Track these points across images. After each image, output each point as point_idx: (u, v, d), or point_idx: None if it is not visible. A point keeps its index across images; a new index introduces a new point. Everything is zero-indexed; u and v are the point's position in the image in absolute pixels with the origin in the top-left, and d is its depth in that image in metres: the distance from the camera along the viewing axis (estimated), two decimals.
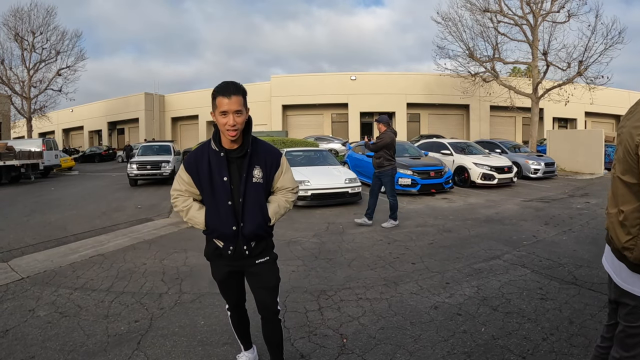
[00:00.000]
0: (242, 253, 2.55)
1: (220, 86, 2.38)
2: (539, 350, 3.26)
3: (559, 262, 5.54)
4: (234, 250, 2.54)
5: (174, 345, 3.44)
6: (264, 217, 2.55)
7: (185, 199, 2.59)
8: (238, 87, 2.38)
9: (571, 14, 21.18)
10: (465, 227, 7.88)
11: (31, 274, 5.38)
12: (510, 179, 14.24)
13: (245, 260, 2.60)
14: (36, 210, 10.73)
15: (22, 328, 3.80)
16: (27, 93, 31.24)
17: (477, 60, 23.59)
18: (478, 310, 4.04)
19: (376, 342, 3.43)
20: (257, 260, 2.62)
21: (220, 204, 2.48)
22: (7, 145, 19.07)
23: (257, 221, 2.52)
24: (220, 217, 2.49)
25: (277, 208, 2.62)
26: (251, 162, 2.51)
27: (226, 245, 2.54)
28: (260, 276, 2.65)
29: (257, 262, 2.63)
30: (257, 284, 2.67)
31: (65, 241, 7.24)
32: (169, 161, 16.49)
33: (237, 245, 2.53)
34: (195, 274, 5.30)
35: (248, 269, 2.66)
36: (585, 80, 21.24)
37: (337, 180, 10.38)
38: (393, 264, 5.61)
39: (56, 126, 47.50)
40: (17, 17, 30.48)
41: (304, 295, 4.49)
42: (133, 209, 10.76)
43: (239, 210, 2.48)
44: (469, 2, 22.96)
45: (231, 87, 2.37)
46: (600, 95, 24.10)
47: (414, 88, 35.21)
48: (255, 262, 2.62)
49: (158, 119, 43.00)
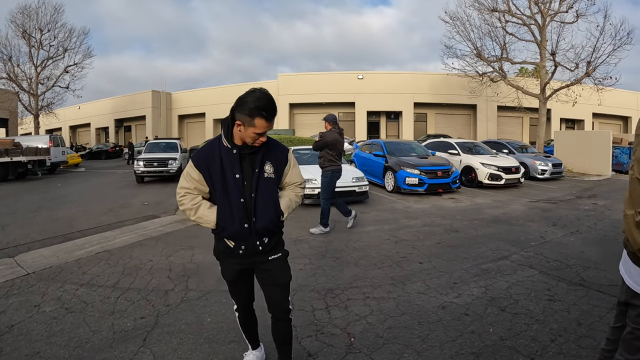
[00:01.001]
0: (255, 250, 2.52)
1: (261, 107, 2.29)
2: (547, 351, 3.23)
3: (567, 264, 5.49)
4: (245, 249, 2.51)
5: (180, 342, 3.43)
6: (277, 212, 2.54)
7: (193, 196, 2.52)
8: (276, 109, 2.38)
9: (579, 14, 21.02)
10: (472, 227, 7.83)
11: (37, 270, 5.40)
12: (518, 180, 14.16)
13: (258, 257, 2.57)
14: (42, 206, 10.77)
15: (28, 323, 3.80)
16: (35, 90, 31.40)
17: (484, 60, 23.48)
18: (486, 311, 4.01)
19: (384, 342, 3.40)
20: (269, 257, 2.60)
21: (233, 201, 2.44)
22: (14, 142, 19.18)
23: (270, 216, 2.51)
24: (232, 215, 2.44)
25: (289, 202, 2.63)
26: (263, 157, 2.50)
27: (237, 244, 2.51)
28: (272, 273, 2.62)
29: (270, 258, 2.60)
30: (268, 281, 2.64)
31: (71, 237, 7.26)
32: (176, 158, 16.51)
33: (248, 243, 2.50)
34: (202, 271, 5.30)
35: (259, 265, 2.62)
36: (593, 81, 21.06)
37: (344, 178, 10.31)
38: (400, 263, 5.58)
39: (63, 123, 47.62)
40: (25, 15, 30.64)
41: (311, 293, 4.47)
42: (139, 205, 10.78)
43: (251, 207, 2.45)
44: (477, 1, 22.89)
45: (273, 110, 2.34)
46: (608, 96, 23.88)
47: (421, 87, 35.09)
48: (268, 258, 2.59)
49: (165, 116, 43.09)
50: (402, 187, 11.96)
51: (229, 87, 41.10)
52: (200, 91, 43.23)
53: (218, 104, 39.18)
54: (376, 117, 37.15)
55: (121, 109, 44.79)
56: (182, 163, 16.85)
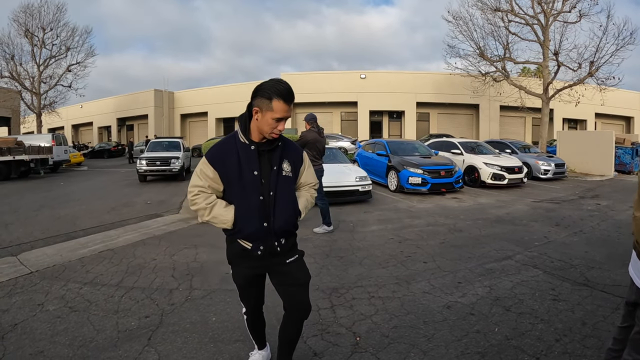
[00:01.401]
0: (273, 251, 2.45)
1: (280, 89, 2.24)
2: (553, 351, 3.23)
3: (571, 264, 5.49)
4: (264, 249, 2.43)
5: (185, 341, 3.42)
6: (295, 212, 2.50)
7: (207, 195, 2.39)
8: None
9: (582, 14, 20.98)
10: (476, 226, 7.82)
11: (40, 268, 5.39)
12: (521, 180, 14.15)
13: (275, 259, 2.50)
14: (45, 205, 10.78)
15: (31, 322, 3.79)
16: (37, 89, 31.42)
17: (487, 59, 23.46)
18: (491, 311, 4.00)
19: (389, 341, 3.39)
20: (287, 260, 2.53)
21: (251, 200, 2.36)
22: (16, 140, 19.20)
23: (289, 215, 2.46)
24: (251, 214, 2.36)
25: (306, 202, 2.60)
26: (281, 155, 2.45)
27: (255, 245, 2.42)
28: (293, 274, 2.56)
29: (288, 261, 2.54)
30: (289, 282, 2.56)
31: (74, 236, 7.26)
32: (179, 157, 16.51)
33: (267, 244, 2.42)
34: (206, 270, 5.30)
35: (276, 268, 2.54)
36: (596, 81, 21.03)
37: (348, 178, 10.34)
38: (404, 262, 5.57)
39: (65, 122, 47.75)
40: (28, 14, 30.66)
41: (316, 293, 4.45)
42: (142, 204, 10.79)
43: (270, 205, 2.38)
44: (480, 1, 22.86)
45: (292, 94, 2.28)
46: (610, 96, 23.84)
47: (424, 87, 35.08)
48: (286, 261, 2.53)
49: (167, 115, 43.13)
50: (405, 187, 11.95)
51: (231, 86, 41.22)
52: (203, 90, 43.32)
53: (220, 103, 39.25)
54: (379, 116, 37.14)
55: (123, 108, 44.86)
56: (184, 162, 16.84)
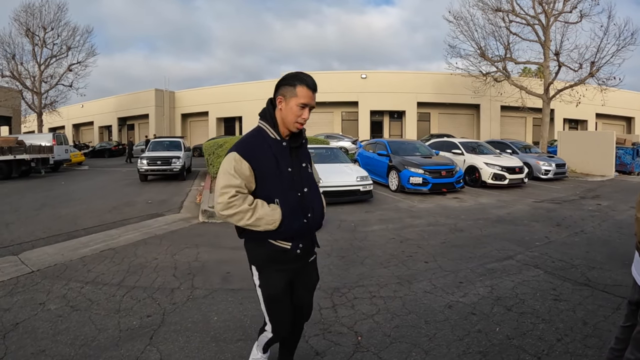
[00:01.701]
0: (309, 249, 2.42)
1: (303, 76, 2.22)
2: (554, 350, 3.23)
3: (572, 264, 5.49)
4: (302, 248, 2.34)
5: (187, 340, 3.42)
6: (324, 206, 2.50)
7: (245, 196, 2.19)
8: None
9: (583, 15, 20.97)
10: (477, 226, 7.83)
11: (41, 267, 5.40)
12: (521, 180, 14.15)
13: (307, 258, 2.44)
14: (46, 204, 10.78)
15: (33, 321, 3.80)
16: (38, 88, 31.39)
17: (488, 59, 23.44)
18: (492, 310, 4.00)
19: (391, 341, 3.40)
20: (309, 259, 2.49)
21: (291, 196, 2.26)
22: (17, 140, 19.21)
23: (323, 210, 2.46)
24: (295, 211, 2.26)
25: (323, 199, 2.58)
26: (308, 152, 2.46)
27: (295, 243, 2.30)
28: (309, 276, 2.54)
29: (310, 260, 2.50)
30: (304, 286, 2.51)
31: (75, 235, 7.27)
32: (180, 157, 16.50)
33: (305, 242, 2.35)
34: (208, 269, 5.31)
35: (302, 269, 2.45)
36: (597, 82, 21.04)
37: (349, 178, 10.34)
38: (406, 262, 5.57)
39: (66, 121, 47.77)
40: (29, 13, 30.60)
41: (318, 292, 4.40)
42: (143, 204, 10.79)
43: (308, 201, 2.32)
44: (481, 1, 22.82)
45: (315, 83, 2.24)
46: (611, 96, 23.82)
47: (425, 87, 35.06)
48: (308, 260, 2.48)
49: (168, 115, 43.08)
50: (406, 187, 11.95)
51: (232, 86, 41.23)
52: (204, 90, 43.27)
53: (221, 103, 39.23)
54: (379, 116, 37.11)
55: (124, 108, 44.82)
56: (185, 162, 16.83)
